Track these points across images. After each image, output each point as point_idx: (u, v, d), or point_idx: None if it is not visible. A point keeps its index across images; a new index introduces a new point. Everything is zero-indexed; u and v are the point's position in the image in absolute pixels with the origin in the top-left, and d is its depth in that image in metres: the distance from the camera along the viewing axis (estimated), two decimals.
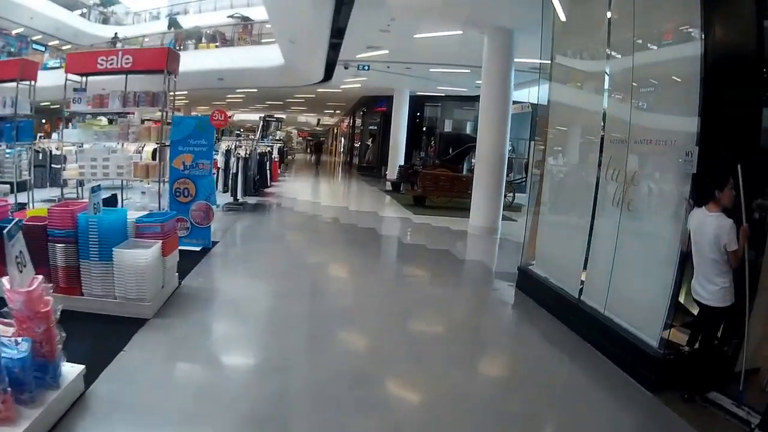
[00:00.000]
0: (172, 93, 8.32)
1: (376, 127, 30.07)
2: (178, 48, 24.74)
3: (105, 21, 36.58)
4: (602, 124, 5.93)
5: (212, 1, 37.53)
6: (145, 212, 6.18)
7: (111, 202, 8.83)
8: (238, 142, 13.66)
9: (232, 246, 9.18)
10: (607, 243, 5.66)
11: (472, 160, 19.76)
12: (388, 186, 21.53)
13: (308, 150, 59.56)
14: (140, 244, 5.49)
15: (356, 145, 35.09)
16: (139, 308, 5.22)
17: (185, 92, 27.71)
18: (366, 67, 17.14)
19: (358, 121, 33.93)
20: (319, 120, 54.74)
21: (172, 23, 32.69)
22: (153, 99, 8.32)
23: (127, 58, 8.27)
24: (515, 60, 12.09)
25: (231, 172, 12.78)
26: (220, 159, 13.02)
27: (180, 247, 7.66)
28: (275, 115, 41.64)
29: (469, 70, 17.30)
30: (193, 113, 44.18)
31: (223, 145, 13.28)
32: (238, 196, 12.80)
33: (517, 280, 7.60)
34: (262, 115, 41.11)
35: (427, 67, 17.37)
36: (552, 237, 7.22)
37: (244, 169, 12.84)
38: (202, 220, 8.14)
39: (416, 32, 12.85)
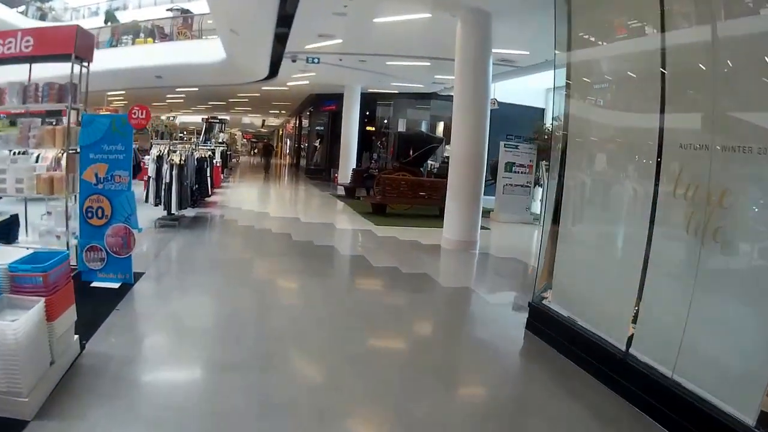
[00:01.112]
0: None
1: (323, 128, 28.42)
2: (114, 44, 22.69)
3: (42, 17, 33.88)
4: (660, 122, 4.46)
5: None
6: (30, 251, 4.33)
7: (9, 226, 6.94)
8: (171, 147, 11.73)
9: (162, 279, 7.24)
10: (677, 282, 4.21)
11: (431, 162, 18.45)
12: (340, 191, 19.91)
13: (252, 152, 57.27)
14: (16, 302, 3.74)
15: (303, 146, 33.32)
16: (12, 406, 3.45)
17: (122, 92, 25.67)
18: (316, 60, 15.48)
19: (305, 122, 32.22)
20: (264, 121, 53.08)
21: (109, 17, 30.33)
22: (59, 93, 6.49)
23: (27, 41, 6.41)
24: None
25: (163, 181, 10.88)
26: (150, 166, 11.15)
27: (95, 284, 5.96)
28: (219, 117, 40.10)
29: (429, 63, 15.88)
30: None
31: (154, 151, 11.36)
32: (173, 210, 10.91)
33: (528, 319, 6.09)
34: (205, 116, 40.11)
35: (385, 59, 15.82)
36: (580, 266, 5.68)
37: (179, 177, 10.95)
38: (120, 249, 6.33)
39: (376, 15, 11.30)
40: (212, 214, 13.25)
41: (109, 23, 28.07)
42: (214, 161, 17.49)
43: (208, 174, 14.36)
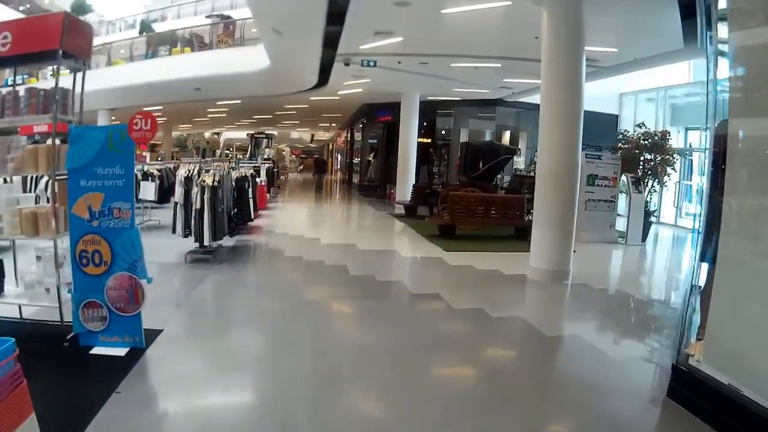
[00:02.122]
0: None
1: (377, 141, 26.89)
2: (150, 55, 21.74)
3: None
4: None
5: (192, 5, 34.99)
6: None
7: None
8: (203, 165, 10.29)
9: (185, 341, 5.56)
10: None
11: (501, 176, 16.67)
12: (399, 209, 18.25)
13: (299, 168, 56.29)
14: None
15: (355, 161, 31.88)
16: None
17: (159, 107, 24.68)
18: (372, 64, 13.92)
19: (358, 135, 30.78)
20: (313, 135, 52.05)
21: (144, 28, 29.68)
22: (44, 102, 5.04)
23: (5, 37, 5.00)
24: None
25: (193, 207, 9.36)
26: (177, 190, 9.69)
27: (95, 350, 4.75)
28: (265, 132, 39.02)
29: (500, 64, 14.13)
30: (173, 133, 41.32)
31: (182, 171, 9.90)
32: (206, 242, 9.37)
33: (671, 385, 4.41)
34: (251, 132, 39.15)
35: (450, 60, 14.15)
36: (751, 318, 4.01)
37: (212, 202, 9.41)
38: (126, 305, 4.81)
39: (446, 5, 9.67)
40: (255, 243, 11.72)
41: (144, 33, 27.32)
42: (259, 180, 16.15)
43: (250, 195, 12.87)
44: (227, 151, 45.08)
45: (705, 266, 4.91)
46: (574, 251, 9.12)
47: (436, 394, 4.51)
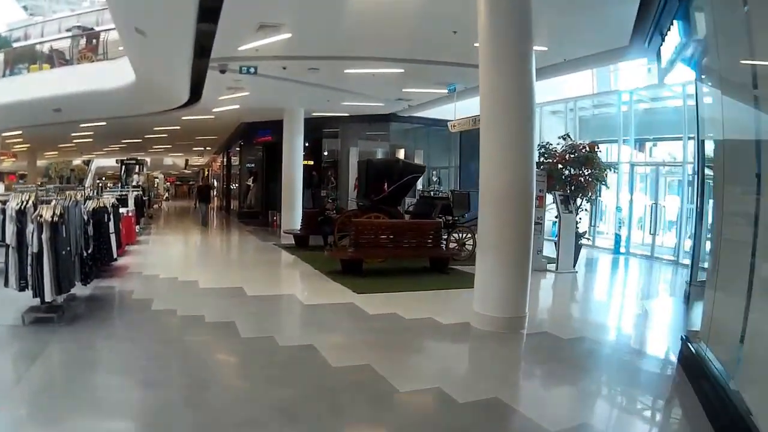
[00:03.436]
0: None
1: (257, 164, 24.45)
2: (7, 74, 18.33)
3: None
4: None
5: (56, 23, 32.07)
6: None
7: None
8: (40, 196, 7.47)
9: None
10: None
11: (408, 199, 14.75)
12: (287, 238, 15.85)
13: (165, 198, 52.35)
14: None
15: (234, 187, 29.05)
16: None
17: (19, 132, 21.13)
18: (252, 70, 11.58)
19: (235, 159, 28.17)
20: (187, 161, 48.71)
21: (2, 44, 25.56)
22: None
23: None
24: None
25: (29, 251, 6.60)
26: (8, 228, 6.92)
27: None
28: (137, 158, 36.32)
29: (403, 69, 12.23)
30: (39, 162, 36.76)
31: (12, 203, 7.13)
32: (47, 296, 6.57)
33: None
34: (122, 158, 35.70)
35: (344, 65, 12.06)
36: None
37: (53, 243, 6.67)
38: None
39: None
40: (117, 292, 8.93)
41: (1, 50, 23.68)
42: (126, 211, 13.35)
43: (112, 230, 10.11)
44: (98, 181, 40.88)
45: None
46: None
47: None
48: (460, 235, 13.28)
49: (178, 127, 22.57)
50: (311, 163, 21.85)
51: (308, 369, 5.37)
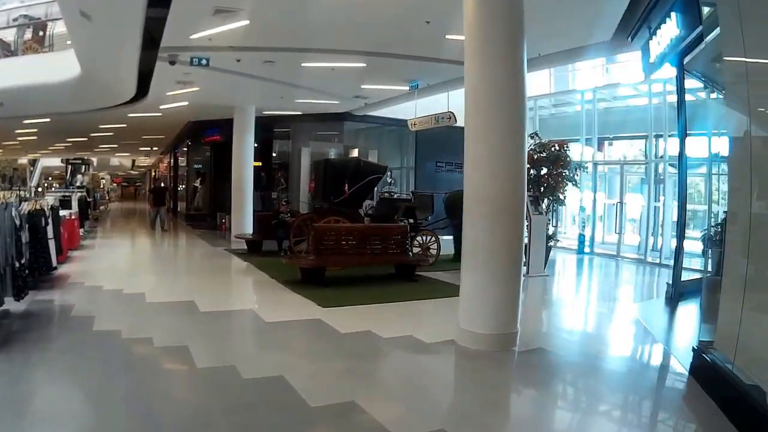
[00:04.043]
0: None
1: (205, 164, 23.07)
2: None
3: None
4: None
5: (5, 14, 29.97)
6: None
7: None
8: None
9: None
10: None
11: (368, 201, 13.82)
12: (237, 243, 14.72)
13: (109, 199, 50.16)
14: None
15: (181, 188, 27.63)
16: None
17: None
18: (204, 62, 10.44)
19: (182, 160, 26.80)
20: (134, 161, 46.60)
21: None
22: None
23: None
24: None
25: None
26: None
27: None
28: (83, 158, 35.57)
29: (364, 63, 11.31)
30: None
31: None
32: None
33: None
34: (68, 158, 33.67)
35: (302, 58, 11.03)
36: None
37: None
38: None
39: None
40: (55, 307, 7.69)
41: None
42: (69, 213, 12.36)
43: (51, 235, 8.99)
44: (44, 181, 38.75)
45: None
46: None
47: None
48: (425, 238, 12.45)
49: (125, 125, 21.04)
50: (259, 164, 20.63)
51: (282, 411, 4.36)
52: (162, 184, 22.19)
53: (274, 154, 21.24)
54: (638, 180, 15.77)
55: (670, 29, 7.23)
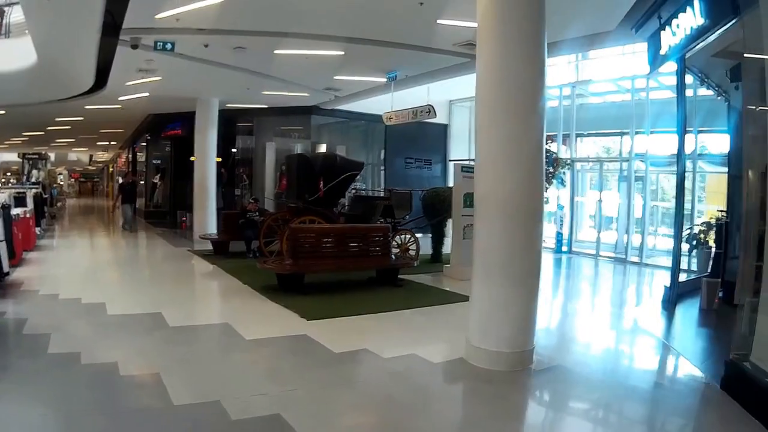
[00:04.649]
0: None
1: (164, 160, 21.75)
2: None
3: None
4: None
5: None
6: None
7: None
8: None
9: None
10: None
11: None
12: (200, 243, 13.61)
13: (74, 192, 48.11)
14: None
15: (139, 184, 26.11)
16: None
17: None
18: (169, 46, 9.36)
19: (141, 155, 25.59)
20: (91, 156, 44.57)
21: None
22: None
23: None
24: None
25: None
26: None
27: None
28: (40, 152, 34.62)
29: (343, 51, 10.41)
30: None
31: None
32: None
33: None
34: (24, 152, 31.83)
35: (276, 43, 10.02)
36: None
37: None
38: None
39: None
40: (6, 322, 6.55)
41: None
42: (23, 211, 11.38)
43: (1, 237, 7.96)
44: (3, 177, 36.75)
45: None
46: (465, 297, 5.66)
47: None
48: (404, 238, 11.60)
49: (82, 118, 19.60)
50: (220, 159, 19.38)
51: None
52: (132, 180, 19.72)
53: (234, 150, 19.92)
54: (615, 177, 15.25)
55: (688, 20, 6.58)
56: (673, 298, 8.51)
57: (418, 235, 12.00)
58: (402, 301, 8.20)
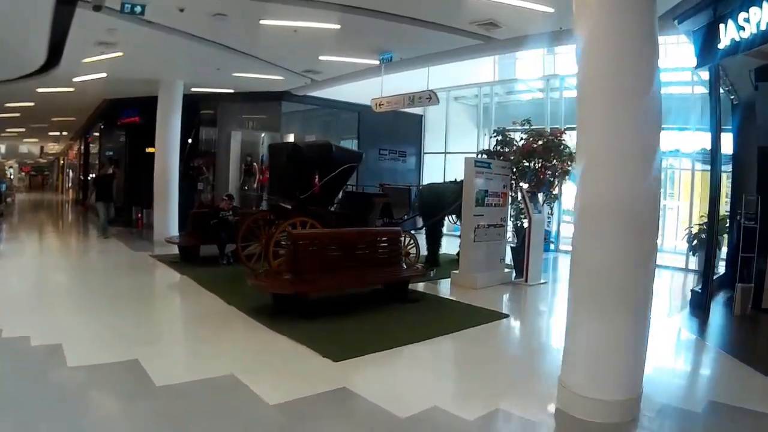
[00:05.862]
0: None
1: (119, 151, 19.43)
2: None
3: None
4: None
5: None
6: None
7: None
8: None
9: None
10: None
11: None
12: (164, 246, 11.81)
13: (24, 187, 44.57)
14: None
15: (91, 177, 23.92)
16: None
17: None
18: (138, 9, 7.48)
19: (94, 146, 23.48)
20: (42, 148, 41.22)
21: None
22: None
23: None
24: None
25: None
26: None
27: None
28: None
29: (339, 25, 8.83)
30: None
31: None
32: None
33: None
34: None
35: (265, 10, 8.25)
36: None
37: None
38: None
39: None
40: None
41: None
42: None
43: None
44: None
45: None
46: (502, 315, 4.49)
47: None
48: (404, 240, 10.07)
49: (33, 104, 17.31)
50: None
51: None
52: (110, 171, 15.62)
53: (190, 141, 17.54)
54: None
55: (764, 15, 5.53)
56: (707, 304, 7.85)
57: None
58: (430, 324, 6.67)
